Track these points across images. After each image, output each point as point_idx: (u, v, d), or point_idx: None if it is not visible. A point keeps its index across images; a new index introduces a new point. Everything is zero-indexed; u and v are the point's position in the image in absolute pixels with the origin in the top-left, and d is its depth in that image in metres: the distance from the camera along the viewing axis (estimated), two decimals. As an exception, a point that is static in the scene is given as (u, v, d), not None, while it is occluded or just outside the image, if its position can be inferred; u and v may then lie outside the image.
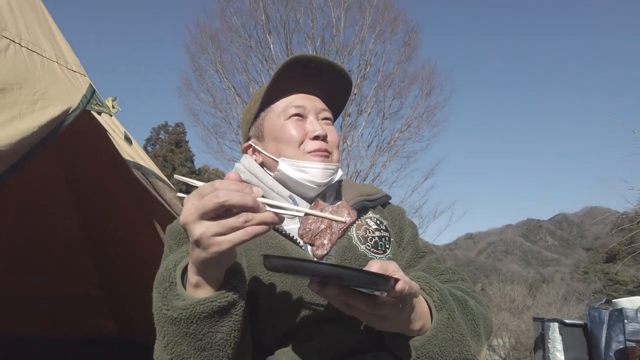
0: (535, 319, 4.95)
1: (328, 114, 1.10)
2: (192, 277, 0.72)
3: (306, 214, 0.74)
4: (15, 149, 1.80)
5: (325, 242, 0.73)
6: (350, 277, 0.64)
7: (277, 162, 1.04)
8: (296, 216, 0.79)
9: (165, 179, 2.75)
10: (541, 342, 4.36)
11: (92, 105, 2.38)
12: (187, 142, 23.51)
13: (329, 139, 1.06)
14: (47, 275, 3.62)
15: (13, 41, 2.10)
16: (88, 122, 2.42)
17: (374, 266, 0.71)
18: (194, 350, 0.73)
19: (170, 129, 23.94)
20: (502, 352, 12.77)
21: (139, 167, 2.53)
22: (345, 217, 0.74)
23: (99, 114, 2.43)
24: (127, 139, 2.60)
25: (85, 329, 3.77)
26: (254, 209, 0.64)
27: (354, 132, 13.10)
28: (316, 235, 0.73)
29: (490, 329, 0.98)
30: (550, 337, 4.20)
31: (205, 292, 0.72)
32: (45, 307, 3.58)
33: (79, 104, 2.25)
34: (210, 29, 13.09)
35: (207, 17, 13.50)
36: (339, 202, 0.78)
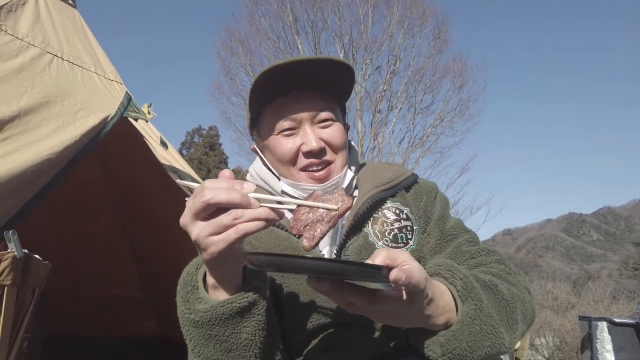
0: (581, 318, 4.72)
1: (326, 115, 0.98)
2: (209, 279, 0.72)
3: (298, 205, 0.71)
4: (61, 157, 1.90)
5: (317, 233, 0.67)
6: (334, 269, 0.60)
7: (279, 179, 1.01)
8: (290, 209, 0.74)
9: (201, 181, 2.81)
10: (589, 342, 4.15)
11: (129, 112, 2.47)
12: (220, 144, 24.03)
13: (329, 144, 0.97)
14: (91, 277, 3.80)
15: (56, 55, 2.22)
16: (125, 128, 2.51)
17: (379, 256, 0.64)
18: (220, 352, 0.73)
19: (204, 132, 24.54)
20: (545, 352, 12.30)
21: (176, 171, 2.60)
22: (338, 204, 0.68)
23: (136, 120, 2.52)
24: (163, 144, 2.68)
25: (128, 328, 3.92)
26: (243, 205, 0.62)
27: (385, 128, 12.99)
28: (306, 226, 0.68)
29: (531, 312, 0.88)
30: (599, 337, 3.99)
31: (224, 294, 0.72)
32: (90, 308, 3.75)
33: (116, 111, 2.34)
34: (239, 32, 13.35)
35: (236, 21, 13.76)
36: (336, 190, 0.73)
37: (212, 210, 0.62)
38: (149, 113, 2.65)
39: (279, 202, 0.76)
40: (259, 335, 0.74)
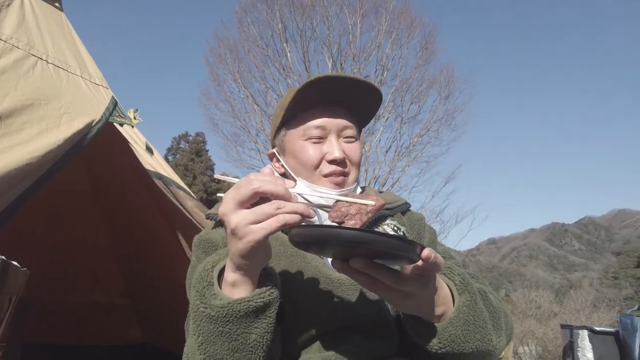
0: (563, 326, 4.80)
1: (351, 132, 1.09)
2: (230, 275, 0.74)
3: (337, 201, 0.78)
4: (43, 161, 1.86)
5: (358, 222, 0.75)
6: (375, 240, 0.64)
7: (296, 180, 1.06)
8: (325, 206, 0.82)
9: (186, 188, 2.79)
10: (570, 351, 4.21)
11: (115, 117, 2.45)
12: (207, 151, 23.78)
13: (349, 158, 1.06)
14: (75, 284, 3.72)
15: (40, 58, 2.19)
16: (111, 133, 2.48)
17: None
18: (227, 350, 0.74)
19: (191, 138, 24.28)
20: (529, 361, 12.39)
21: (160, 177, 2.57)
22: (374, 201, 0.76)
23: (121, 125, 2.49)
24: (149, 149, 2.66)
25: (112, 336, 3.84)
26: (286, 197, 0.67)
27: (372, 137, 13.06)
28: (346, 216, 0.75)
29: (511, 328, 0.96)
30: (580, 346, 4.05)
31: (241, 292, 0.74)
32: (74, 316, 3.67)
33: (102, 116, 2.31)
34: (228, 39, 13.30)
35: (225, 28, 13.76)
36: (368, 193, 0.80)
37: (256, 199, 0.67)
38: (134, 118, 2.63)
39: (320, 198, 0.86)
40: (267, 339, 0.75)
